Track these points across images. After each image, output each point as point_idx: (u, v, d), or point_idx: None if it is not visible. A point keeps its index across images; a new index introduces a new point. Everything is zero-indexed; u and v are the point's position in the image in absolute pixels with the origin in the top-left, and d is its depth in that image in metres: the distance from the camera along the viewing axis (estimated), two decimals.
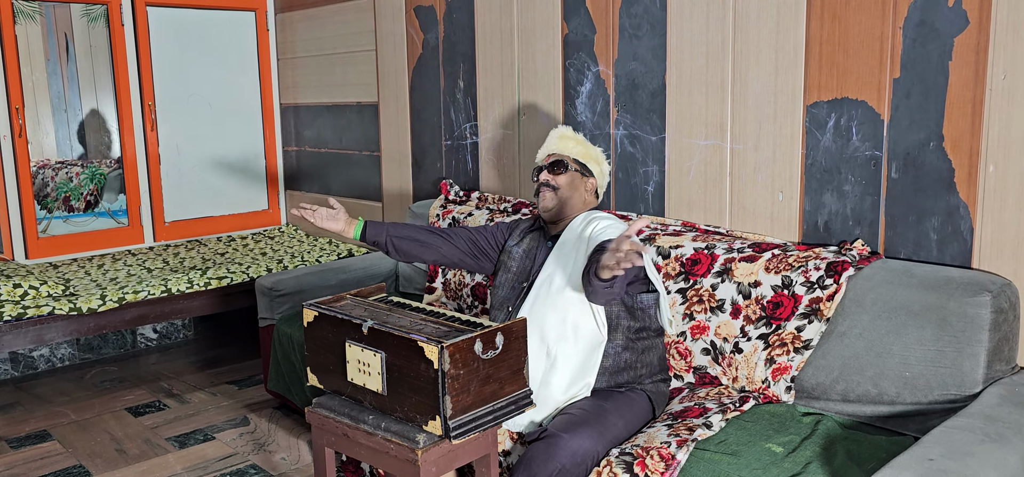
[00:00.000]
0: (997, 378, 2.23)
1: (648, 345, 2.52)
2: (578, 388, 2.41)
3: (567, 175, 2.62)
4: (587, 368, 2.42)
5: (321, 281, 3.77)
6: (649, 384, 2.50)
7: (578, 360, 2.41)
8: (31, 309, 3.69)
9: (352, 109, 4.64)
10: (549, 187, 2.62)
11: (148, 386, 4.23)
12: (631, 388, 2.46)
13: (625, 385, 2.47)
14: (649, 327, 2.51)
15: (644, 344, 2.50)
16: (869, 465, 2.07)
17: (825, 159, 2.67)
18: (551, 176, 2.62)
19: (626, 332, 2.46)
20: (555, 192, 2.61)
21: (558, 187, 2.61)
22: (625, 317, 2.46)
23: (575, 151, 2.65)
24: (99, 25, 4.60)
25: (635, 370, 2.48)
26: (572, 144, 2.67)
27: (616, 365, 2.45)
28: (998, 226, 2.34)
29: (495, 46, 3.69)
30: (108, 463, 3.36)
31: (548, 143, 2.71)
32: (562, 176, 2.62)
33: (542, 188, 2.63)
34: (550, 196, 2.61)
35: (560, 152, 2.66)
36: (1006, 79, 2.27)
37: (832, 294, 2.44)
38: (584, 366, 2.42)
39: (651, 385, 2.51)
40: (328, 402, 2.28)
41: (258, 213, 5.25)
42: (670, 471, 2.13)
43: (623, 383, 2.46)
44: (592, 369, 2.42)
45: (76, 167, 4.68)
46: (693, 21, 2.95)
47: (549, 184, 2.62)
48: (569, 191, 2.62)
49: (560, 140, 2.68)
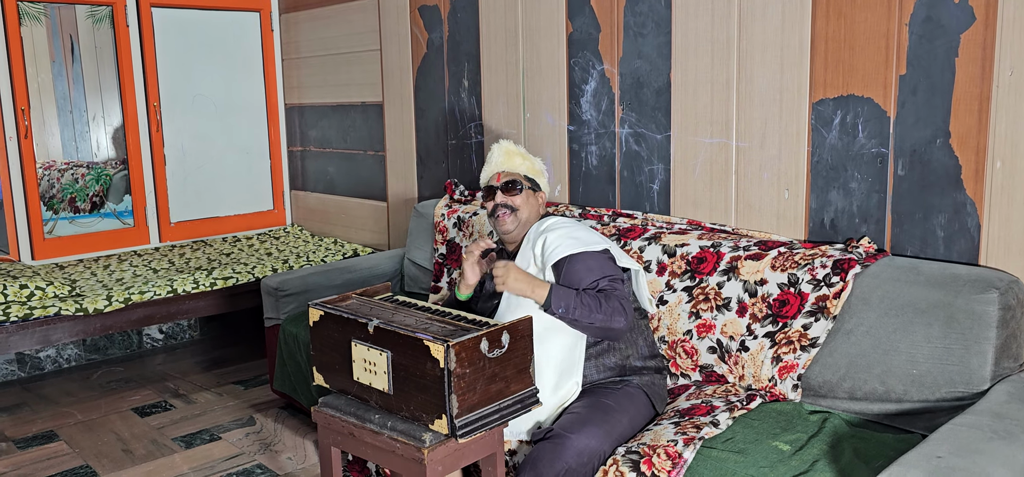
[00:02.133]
0: (1005, 375, 2.22)
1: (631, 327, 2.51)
2: (568, 386, 2.41)
3: (522, 195, 2.55)
4: (572, 365, 2.41)
5: (326, 281, 3.77)
6: (639, 366, 2.50)
7: (559, 357, 2.40)
8: (37, 310, 3.70)
9: (357, 109, 4.64)
10: (508, 209, 2.54)
11: (154, 386, 4.24)
12: (625, 381, 2.45)
13: (616, 369, 2.46)
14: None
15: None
16: (876, 463, 2.06)
17: (831, 156, 2.66)
18: (507, 197, 2.55)
19: None
20: (515, 213, 2.54)
21: (516, 208, 2.54)
22: None
23: (523, 167, 2.59)
24: (104, 26, 4.61)
25: (620, 352, 2.48)
26: (519, 160, 2.60)
27: (599, 350, 2.46)
28: (1005, 223, 2.33)
29: (499, 45, 3.69)
30: (114, 463, 3.37)
31: (494, 161, 2.61)
32: (518, 196, 2.55)
33: (500, 211, 2.55)
34: (511, 219, 2.54)
35: (511, 171, 2.58)
36: (1013, 75, 2.26)
37: (839, 292, 2.43)
38: (569, 362, 2.41)
39: (644, 373, 2.50)
40: (334, 401, 2.28)
41: (263, 213, 5.26)
42: (677, 469, 2.13)
43: (613, 367, 2.46)
44: (578, 364, 2.42)
45: (82, 168, 4.69)
46: (698, 19, 2.94)
47: (508, 206, 2.54)
48: (526, 211, 2.56)
49: (507, 157, 2.60)
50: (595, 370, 2.46)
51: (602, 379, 2.46)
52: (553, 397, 2.38)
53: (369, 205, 4.66)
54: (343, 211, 4.88)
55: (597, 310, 2.31)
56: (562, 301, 2.31)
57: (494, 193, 2.58)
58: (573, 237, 2.44)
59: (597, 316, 2.30)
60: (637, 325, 2.54)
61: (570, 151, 3.46)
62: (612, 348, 2.47)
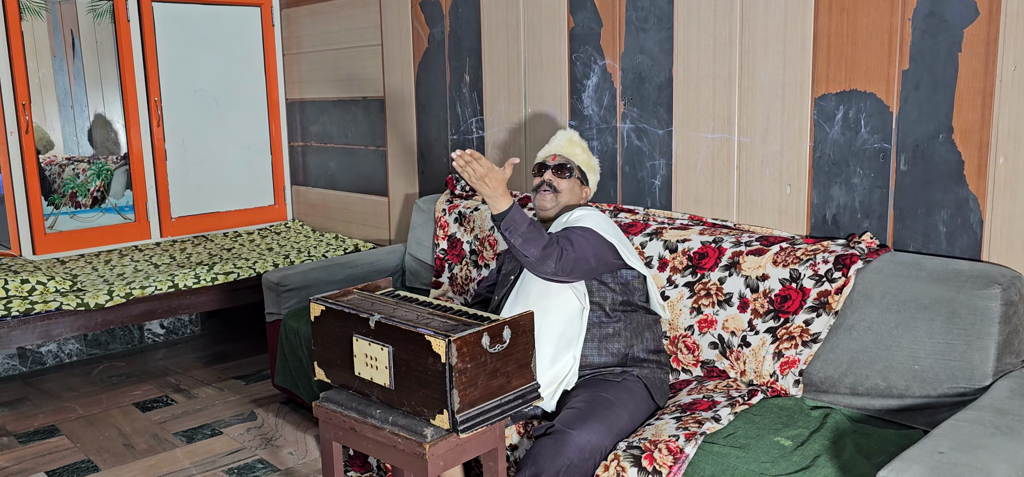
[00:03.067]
0: (1007, 371, 2.22)
1: (639, 321, 2.54)
2: (564, 360, 2.43)
3: (569, 181, 2.66)
4: (570, 338, 2.45)
5: (327, 276, 3.77)
6: (643, 357, 2.50)
7: (559, 329, 2.44)
8: (39, 305, 3.70)
9: (358, 104, 4.64)
10: (551, 189, 2.64)
11: (155, 381, 4.24)
12: (626, 372, 2.45)
13: (618, 355, 2.47)
14: (634, 302, 2.55)
15: (634, 318, 2.53)
16: (878, 458, 2.06)
17: (833, 152, 2.66)
18: (555, 178, 2.65)
19: (611, 304, 2.50)
20: (556, 195, 2.64)
21: (560, 191, 2.64)
22: (606, 290, 2.51)
23: (581, 159, 2.69)
24: (105, 21, 4.61)
25: (625, 339, 2.50)
26: (579, 151, 2.70)
27: (603, 333, 2.49)
28: (1008, 218, 2.32)
29: (501, 40, 3.68)
30: (116, 458, 3.37)
31: (555, 142, 2.72)
32: (565, 181, 2.65)
33: (543, 188, 2.65)
34: (550, 198, 2.64)
35: (568, 156, 2.68)
36: (1016, 70, 2.26)
37: (841, 287, 2.43)
38: (566, 335, 2.44)
39: (645, 365, 2.50)
40: (335, 396, 2.28)
41: (264, 208, 5.25)
42: (678, 465, 2.13)
43: (615, 353, 2.47)
44: (577, 339, 2.45)
45: (83, 163, 4.69)
46: (700, 14, 2.93)
47: (552, 186, 2.64)
48: (568, 196, 2.66)
49: (569, 144, 2.71)
50: (597, 353, 2.48)
51: (602, 363, 2.47)
52: (550, 369, 2.42)
53: (370, 200, 4.66)
54: (344, 206, 4.87)
55: (535, 243, 2.34)
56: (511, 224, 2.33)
57: (544, 170, 2.67)
58: (595, 221, 2.51)
59: (532, 248, 2.33)
60: (645, 320, 2.57)
61: None
62: (618, 334, 2.49)
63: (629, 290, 2.54)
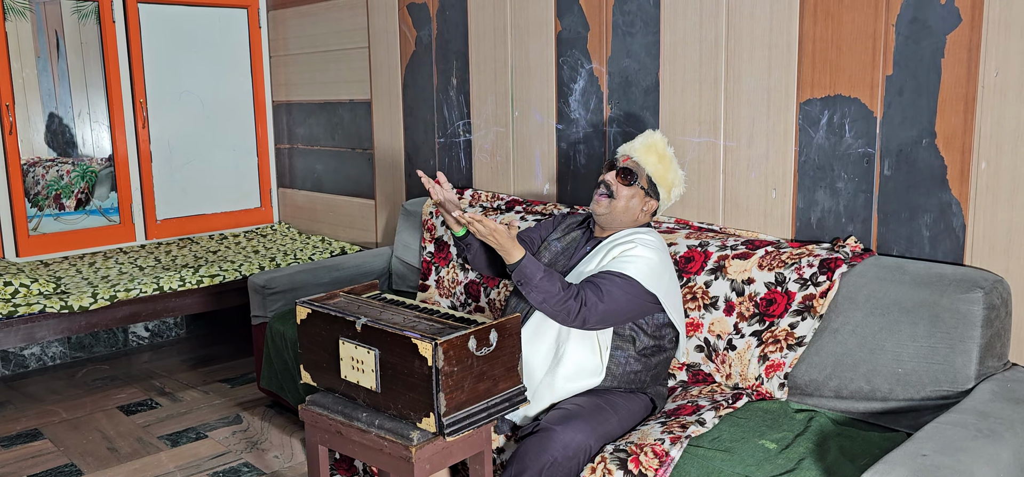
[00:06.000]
0: (989, 374, 2.23)
1: (662, 360, 2.51)
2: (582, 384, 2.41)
3: (631, 189, 2.45)
4: (592, 370, 2.40)
5: (314, 279, 3.76)
6: (652, 390, 2.51)
7: (583, 359, 2.39)
8: (22, 307, 3.67)
9: (345, 106, 4.63)
10: (608, 193, 2.45)
11: (140, 384, 4.22)
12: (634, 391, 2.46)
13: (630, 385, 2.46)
14: (664, 347, 2.49)
15: (658, 360, 2.49)
16: (862, 461, 2.08)
17: (818, 156, 2.68)
18: (615, 182, 2.46)
19: (640, 347, 2.43)
20: (610, 201, 2.45)
21: (616, 197, 2.44)
22: (642, 335, 2.43)
23: (654, 169, 2.46)
24: (90, 22, 4.58)
25: (641, 378, 2.47)
26: (654, 159, 2.47)
27: (625, 373, 2.43)
28: (990, 223, 2.34)
29: (488, 43, 3.69)
30: (100, 462, 3.35)
31: (634, 143, 2.52)
32: (627, 188, 2.45)
33: (601, 187, 2.47)
34: (604, 204, 2.46)
35: (637, 161, 2.47)
36: (998, 76, 2.28)
37: (825, 291, 2.44)
38: (589, 366, 2.40)
39: (653, 390, 2.51)
40: (321, 399, 2.27)
41: (251, 211, 5.23)
42: (664, 468, 2.13)
43: (629, 382, 2.45)
44: (597, 372, 2.40)
45: (67, 165, 4.66)
46: (686, 18, 2.95)
47: (610, 190, 2.45)
48: (623, 204, 2.45)
49: (645, 149, 2.48)
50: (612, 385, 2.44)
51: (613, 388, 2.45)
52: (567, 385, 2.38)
53: (357, 203, 4.65)
54: (331, 209, 4.86)
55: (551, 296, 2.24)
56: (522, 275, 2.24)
57: (611, 169, 2.49)
58: (643, 266, 2.33)
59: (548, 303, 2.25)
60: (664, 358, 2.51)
61: (559, 149, 3.46)
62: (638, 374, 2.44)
63: (660, 334, 2.46)
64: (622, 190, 2.46)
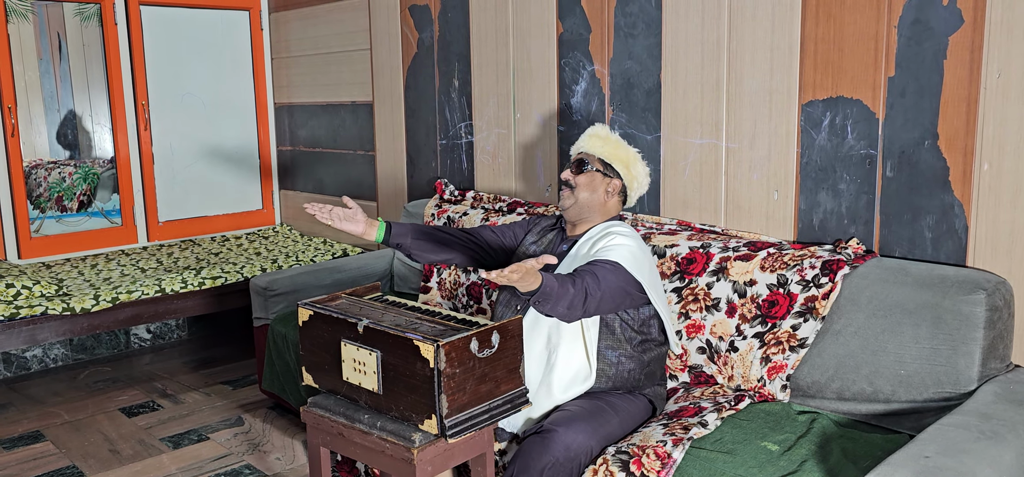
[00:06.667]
0: (992, 376, 2.23)
1: (652, 356, 2.50)
2: (577, 389, 2.41)
3: (586, 175, 2.54)
4: (586, 373, 2.40)
5: (316, 280, 3.76)
6: (649, 390, 2.50)
7: (577, 363, 2.39)
8: (24, 309, 3.67)
9: (347, 108, 4.63)
10: (568, 186, 2.56)
11: (142, 386, 4.22)
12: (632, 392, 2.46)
13: (625, 385, 2.46)
14: (652, 339, 2.49)
15: (648, 355, 2.49)
16: (865, 463, 2.07)
17: (820, 158, 2.67)
18: (571, 175, 2.56)
19: (630, 343, 2.44)
20: (572, 191, 2.54)
21: (575, 186, 2.54)
22: (628, 330, 2.44)
23: (600, 150, 2.56)
24: (92, 24, 4.59)
25: (636, 377, 2.47)
26: (598, 143, 2.57)
27: (619, 373, 2.43)
28: (992, 224, 2.34)
29: (490, 45, 3.69)
30: (102, 464, 3.35)
31: (579, 140, 2.63)
32: (581, 175, 2.54)
33: (563, 187, 2.57)
34: (567, 195, 2.55)
35: (585, 150, 2.58)
36: (1000, 78, 2.28)
37: (827, 293, 2.44)
38: (584, 370, 2.40)
39: (651, 391, 2.51)
40: (323, 401, 2.27)
41: (252, 213, 5.24)
42: (666, 470, 2.13)
43: (623, 382, 2.45)
44: (590, 375, 2.41)
45: (69, 167, 4.66)
46: (688, 20, 2.95)
47: (568, 183, 2.56)
48: (587, 191, 2.53)
49: (588, 138, 2.60)
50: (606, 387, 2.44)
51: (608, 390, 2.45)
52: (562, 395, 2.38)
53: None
54: None
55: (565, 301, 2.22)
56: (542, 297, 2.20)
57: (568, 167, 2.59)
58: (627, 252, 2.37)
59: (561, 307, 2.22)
60: (655, 353, 2.51)
61: (560, 151, 3.46)
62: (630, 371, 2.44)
63: (647, 327, 2.47)
64: (579, 179, 2.54)
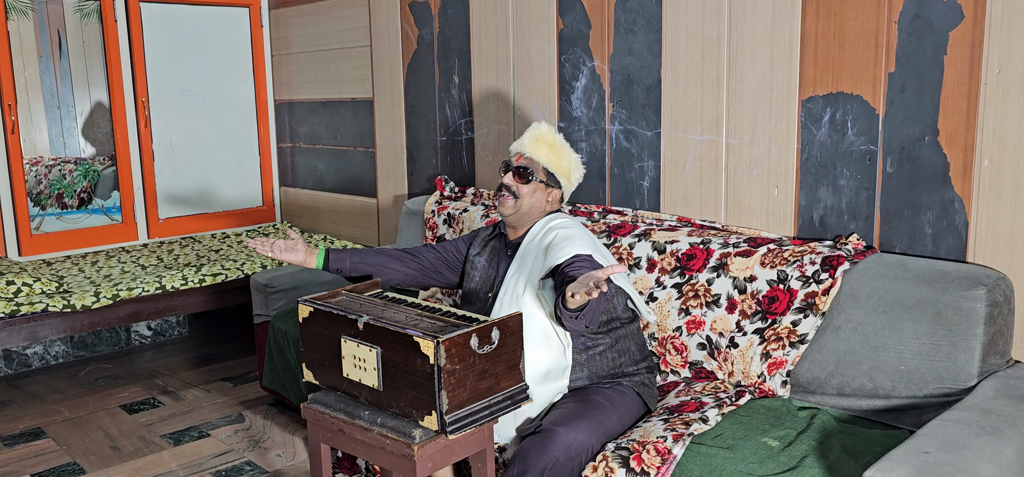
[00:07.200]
0: (992, 371, 2.23)
1: (622, 334, 2.50)
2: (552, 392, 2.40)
3: (531, 186, 2.51)
4: (558, 372, 2.40)
5: (316, 277, 3.76)
6: (632, 371, 2.49)
7: (547, 365, 2.39)
8: (24, 306, 3.68)
9: (347, 105, 4.63)
10: (511, 194, 2.51)
11: (143, 383, 4.22)
12: (617, 382, 2.45)
13: (608, 375, 2.46)
14: (617, 316, 2.49)
15: (618, 334, 2.48)
16: (865, 458, 2.07)
17: (820, 154, 2.67)
18: (515, 182, 2.52)
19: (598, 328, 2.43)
20: (515, 200, 2.51)
21: (519, 196, 2.51)
22: None
23: (547, 159, 2.53)
24: (92, 21, 4.58)
25: (614, 361, 2.47)
26: (545, 150, 2.53)
27: (591, 358, 2.44)
28: (993, 220, 2.34)
29: (490, 42, 3.69)
30: (102, 460, 3.35)
31: (523, 139, 2.58)
32: (526, 185, 2.51)
33: (503, 191, 2.52)
34: (510, 204, 2.52)
35: (531, 157, 2.54)
36: (1001, 73, 2.27)
37: (827, 288, 2.44)
38: (555, 370, 2.40)
39: (636, 375, 2.50)
40: (324, 398, 2.27)
41: (253, 210, 5.24)
42: (666, 465, 2.13)
43: (605, 374, 2.45)
44: (564, 372, 2.41)
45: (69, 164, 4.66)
46: (688, 16, 2.94)
47: (511, 190, 2.52)
48: (529, 202, 2.52)
49: (534, 143, 2.55)
50: (586, 377, 2.44)
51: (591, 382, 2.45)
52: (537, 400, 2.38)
53: (359, 201, 4.65)
54: (333, 207, 4.86)
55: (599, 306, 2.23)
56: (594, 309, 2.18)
57: (507, 170, 2.54)
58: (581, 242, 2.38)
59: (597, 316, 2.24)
60: (627, 330, 2.52)
61: None
62: (604, 354, 2.45)
63: (611, 307, 2.47)
64: (522, 188, 2.52)
